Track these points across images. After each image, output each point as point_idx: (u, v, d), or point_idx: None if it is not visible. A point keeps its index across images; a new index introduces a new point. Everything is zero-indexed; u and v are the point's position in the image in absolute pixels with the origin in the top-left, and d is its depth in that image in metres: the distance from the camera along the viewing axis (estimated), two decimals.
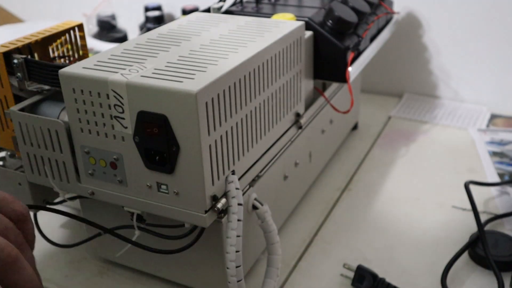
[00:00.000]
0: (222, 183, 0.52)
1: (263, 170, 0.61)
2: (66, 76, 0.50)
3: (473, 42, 1.03)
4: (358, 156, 0.90)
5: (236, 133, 0.53)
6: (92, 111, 0.50)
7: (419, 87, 1.11)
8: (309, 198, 0.78)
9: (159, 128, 0.47)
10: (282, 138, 0.64)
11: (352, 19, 0.71)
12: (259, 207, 0.57)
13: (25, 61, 0.57)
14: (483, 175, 0.83)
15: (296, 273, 0.65)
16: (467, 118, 1.02)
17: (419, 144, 0.93)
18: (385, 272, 0.63)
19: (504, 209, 0.74)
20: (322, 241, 0.70)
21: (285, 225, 0.72)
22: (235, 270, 0.51)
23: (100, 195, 0.55)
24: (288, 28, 0.61)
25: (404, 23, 1.06)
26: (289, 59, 0.62)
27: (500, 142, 0.93)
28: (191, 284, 0.61)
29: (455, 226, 0.71)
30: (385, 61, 1.10)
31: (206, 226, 0.51)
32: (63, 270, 0.65)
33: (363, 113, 1.01)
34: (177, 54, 0.53)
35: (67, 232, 0.71)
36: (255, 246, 0.63)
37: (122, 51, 0.54)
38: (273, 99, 0.59)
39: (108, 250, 0.64)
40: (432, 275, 0.63)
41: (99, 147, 0.52)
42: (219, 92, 0.49)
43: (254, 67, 0.54)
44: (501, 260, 0.63)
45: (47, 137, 0.54)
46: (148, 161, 0.50)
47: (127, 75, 0.48)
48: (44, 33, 0.63)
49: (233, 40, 0.57)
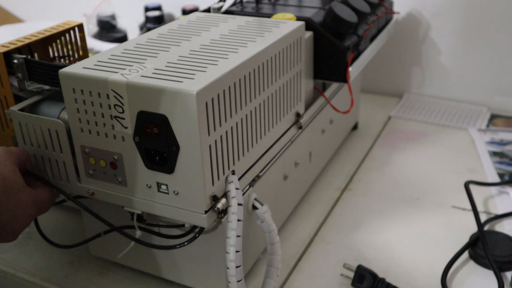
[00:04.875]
0: (222, 183, 0.52)
1: (263, 170, 0.61)
2: (66, 76, 0.50)
3: (473, 42, 1.03)
4: (358, 156, 0.89)
5: (236, 133, 0.53)
6: (92, 111, 0.50)
7: (419, 87, 1.11)
8: (309, 198, 0.78)
9: (159, 128, 0.47)
10: (282, 138, 0.64)
11: (352, 19, 0.71)
12: (259, 207, 0.57)
13: (25, 61, 0.57)
14: (483, 175, 0.83)
15: (296, 273, 0.65)
16: (467, 118, 1.02)
17: (419, 144, 0.93)
18: (385, 272, 0.63)
19: (504, 209, 0.74)
20: (322, 241, 0.70)
21: (285, 225, 0.72)
22: (235, 270, 0.51)
23: (100, 195, 0.55)
24: (288, 28, 0.61)
25: (404, 23, 1.06)
26: (289, 59, 0.62)
27: (500, 142, 0.93)
28: (191, 284, 0.61)
29: (455, 226, 0.71)
30: (385, 61, 1.10)
31: (206, 226, 0.51)
32: (63, 270, 0.65)
33: (363, 113, 1.01)
34: (177, 54, 0.53)
35: (67, 232, 0.71)
36: (255, 246, 0.63)
37: (122, 51, 0.54)
38: (273, 99, 0.59)
39: (108, 250, 0.64)
40: (432, 275, 0.63)
41: (99, 147, 0.52)
42: (219, 92, 0.49)
43: (254, 67, 0.54)
44: (501, 260, 0.63)
45: (47, 137, 0.54)
46: (148, 161, 0.50)
47: (127, 75, 0.48)
48: (44, 33, 0.63)
49: (233, 40, 0.57)
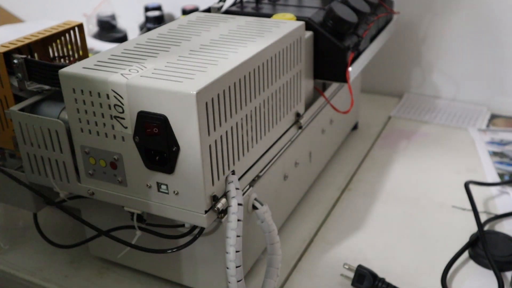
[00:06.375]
0: (222, 183, 0.52)
1: (263, 170, 0.61)
2: (66, 76, 0.50)
3: (473, 42, 1.03)
4: (358, 156, 0.89)
5: (236, 133, 0.53)
6: (92, 111, 0.50)
7: (419, 87, 1.11)
8: (309, 198, 0.78)
9: (159, 128, 0.47)
10: (282, 138, 0.64)
11: (352, 19, 0.71)
12: (259, 207, 0.57)
13: (25, 61, 0.57)
14: (483, 175, 0.83)
15: (296, 273, 0.65)
16: (467, 118, 1.02)
17: (419, 144, 0.93)
18: (385, 272, 0.63)
19: (504, 209, 0.74)
20: (322, 241, 0.70)
21: (285, 225, 0.72)
22: (235, 270, 0.51)
23: (100, 195, 0.55)
24: (288, 28, 0.61)
25: (404, 23, 1.06)
26: (289, 59, 0.62)
27: (500, 142, 0.93)
28: (191, 284, 0.61)
29: (455, 226, 0.71)
30: (385, 61, 1.10)
31: (206, 226, 0.51)
32: (63, 270, 0.65)
33: (363, 113, 1.01)
34: (177, 54, 0.53)
35: (67, 232, 0.71)
36: (255, 246, 0.63)
37: (122, 51, 0.54)
38: (273, 99, 0.59)
39: (108, 250, 0.64)
40: (432, 275, 0.63)
41: (99, 147, 0.52)
42: (219, 92, 0.49)
43: (254, 67, 0.54)
44: (501, 260, 0.63)
45: (47, 137, 0.54)
46: (148, 161, 0.50)
47: (127, 75, 0.48)
48: (44, 33, 0.63)
49: (233, 40, 0.57)
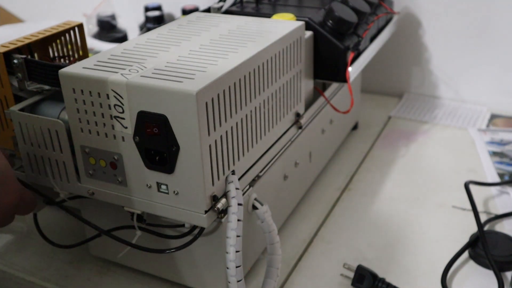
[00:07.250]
0: (222, 183, 0.52)
1: (263, 170, 0.61)
2: (66, 76, 0.50)
3: (473, 42, 1.03)
4: (358, 156, 0.89)
5: (236, 133, 0.53)
6: (92, 111, 0.50)
7: (419, 87, 1.11)
8: (309, 198, 0.78)
9: (159, 128, 0.47)
10: (282, 138, 0.64)
11: (352, 19, 0.71)
12: (259, 207, 0.57)
13: (25, 61, 0.57)
14: (483, 175, 0.83)
15: (296, 273, 0.65)
16: (467, 118, 1.02)
17: (419, 144, 0.93)
18: (385, 272, 0.63)
19: (504, 209, 0.74)
20: (322, 241, 0.70)
21: (285, 225, 0.72)
22: (235, 270, 0.50)
23: (100, 195, 0.55)
24: (288, 28, 0.61)
25: (404, 23, 1.06)
26: (289, 59, 0.62)
27: (500, 142, 0.93)
28: (191, 284, 0.61)
29: (455, 226, 0.71)
30: (385, 61, 1.10)
31: (206, 226, 0.51)
32: (63, 270, 0.65)
33: (363, 113, 1.01)
34: (177, 54, 0.53)
35: (67, 232, 0.71)
36: (255, 246, 0.63)
37: (122, 51, 0.54)
38: (273, 99, 0.59)
39: (108, 250, 0.64)
40: (432, 275, 0.63)
41: (99, 147, 0.52)
42: (219, 92, 0.49)
43: (254, 67, 0.54)
44: (501, 260, 0.63)
45: (47, 137, 0.54)
46: (148, 161, 0.50)
47: (127, 75, 0.48)
48: (44, 33, 0.63)
49: (233, 40, 0.57)
